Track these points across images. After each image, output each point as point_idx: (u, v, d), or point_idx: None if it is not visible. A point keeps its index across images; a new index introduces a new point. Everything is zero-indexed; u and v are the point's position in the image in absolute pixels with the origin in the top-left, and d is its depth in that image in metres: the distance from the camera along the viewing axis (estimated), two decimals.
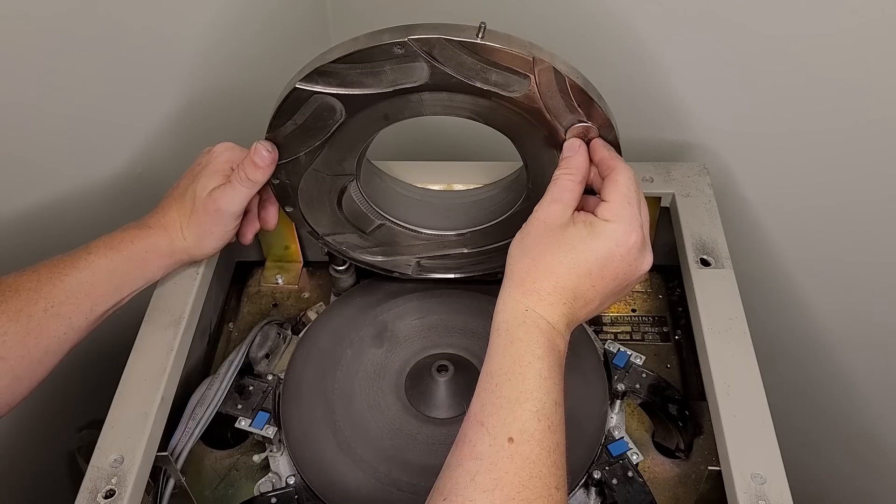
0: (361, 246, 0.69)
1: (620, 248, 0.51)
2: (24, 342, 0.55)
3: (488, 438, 0.46)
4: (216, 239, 0.64)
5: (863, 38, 0.67)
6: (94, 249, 0.60)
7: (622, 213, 0.51)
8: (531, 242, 0.52)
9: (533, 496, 0.44)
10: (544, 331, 0.50)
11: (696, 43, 0.72)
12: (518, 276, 0.51)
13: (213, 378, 0.66)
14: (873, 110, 0.72)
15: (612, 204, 0.51)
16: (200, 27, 0.74)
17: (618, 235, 0.51)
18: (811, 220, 0.83)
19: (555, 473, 0.46)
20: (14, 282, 0.57)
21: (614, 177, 0.52)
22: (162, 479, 0.59)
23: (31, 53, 0.64)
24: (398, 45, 0.51)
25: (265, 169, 0.59)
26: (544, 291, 0.50)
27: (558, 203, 0.52)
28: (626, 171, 0.53)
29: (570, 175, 0.54)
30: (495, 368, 0.49)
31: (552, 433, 0.47)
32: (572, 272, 0.50)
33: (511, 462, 0.45)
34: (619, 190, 0.52)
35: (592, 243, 0.51)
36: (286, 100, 0.56)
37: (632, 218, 0.51)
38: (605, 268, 0.51)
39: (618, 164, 0.53)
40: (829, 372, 0.94)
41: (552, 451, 0.46)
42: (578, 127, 0.55)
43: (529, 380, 0.48)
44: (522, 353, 0.49)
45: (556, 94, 0.53)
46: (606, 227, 0.51)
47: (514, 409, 0.47)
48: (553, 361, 0.49)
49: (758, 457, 0.53)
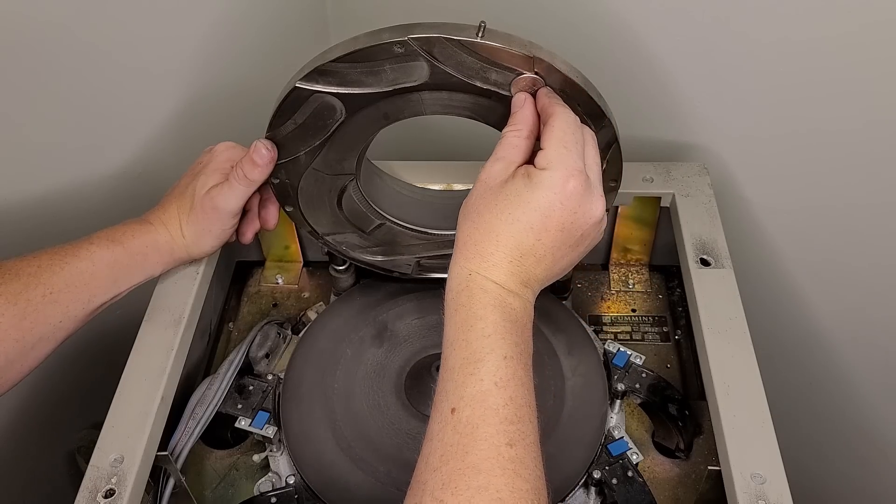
0: (361, 246, 0.69)
1: (559, 195, 0.48)
2: (19, 326, 0.55)
3: (436, 415, 0.44)
4: (214, 237, 0.64)
5: (863, 39, 0.67)
6: (95, 241, 0.60)
7: (558, 159, 0.48)
8: (472, 205, 0.50)
9: (478, 459, 0.42)
10: (489, 291, 0.47)
11: (696, 43, 0.72)
12: (461, 241, 0.50)
13: (213, 378, 0.66)
14: (873, 111, 0.72)
15: (547, 151, 0.49)
16: (200, 27, 0.74)
17: (554, 183, 0.48)
18: (811, 220, 0.83)
19: (505, 430, 0.43)
20: (14, 266, 0.57)
21: (551, 122, 0.50)
22: (162, 478, 0.59)
23: (32, 53, 0.64)
24: (398, 45, 0.51)
25: (264, 168, 0.59)
26: (486, 252, 0.48)
27: (500, 161, 0.50)
28: (563, 114, 0.50)
29: (515, 131, 0.51)
30: (445, 341, 0.47)
31: (501, 389, 0.44)
32: (513, 228, 0.48)
33: (454, 432, 0.43)
34: (554, 135, 0.49)
35: (530, 195, 0.48)
36: (286, 99, 0.56)
37: (568, 163, 0.48)
38: (547, 219, 0.48)
39: (555, 110, 0.50)
40: (829, 372, 0.94)
41: (502, 407, 0.44)
42: (523, 79, 0.52)
43: (472, 342, 0.46)
44: (466, 318, 0.47)
45: (557, 93, 0.53)
46: (542, 175, 0.48)
47: (457, 378, 0.45)
48: (500, 318, 0.47)
49: (758, 457, 0.53)
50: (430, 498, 0.41)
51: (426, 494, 0.41)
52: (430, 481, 0.42)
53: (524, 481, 0.42)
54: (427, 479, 0.42)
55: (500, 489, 0.41)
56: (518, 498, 0.41)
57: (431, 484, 0.42)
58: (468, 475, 0.41)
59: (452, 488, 0.41)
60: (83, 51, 0.67)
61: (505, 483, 0.41)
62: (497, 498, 0.41)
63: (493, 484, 0.41)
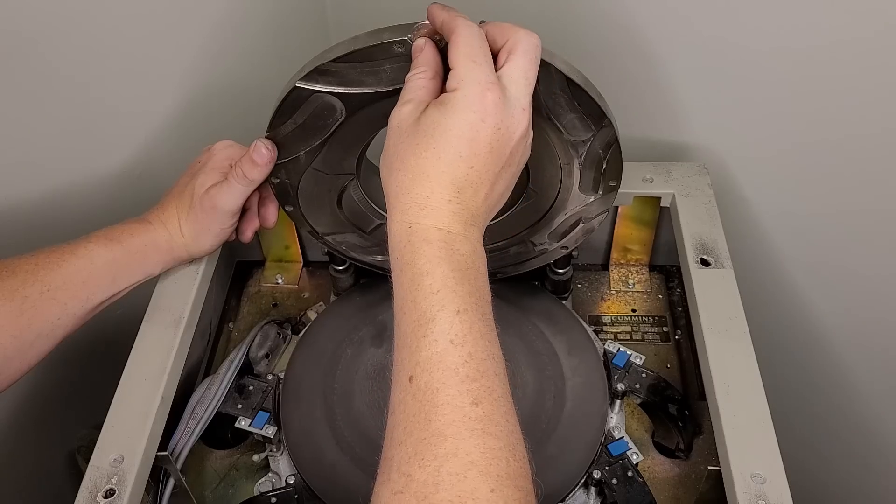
0: (361, 246, 0.69)
1: (478, 113, 0.44)
2: (17, 322, 0.55)
3: (395, 386, 0.42)
4: (213, 236, 0.64)
5: (863, 40, 0.67)
6: (94, 239, 0.60)
7: (468, 76, 0.45)
8: (391, 153, 0.47)
9: (443, 425, 0.39)
10: (433, 241, 0.44)
11: (696, 43, 0.72)
12: (392, 194, 0.46)
13: (213, 378, 0.66)
14: (873, 111, 0.72)
15: (456, 69, 0.45)
16: (201, 27, 0.74)
17: (470, 101, 0.44)
18: (811, 220, 0.83)
19: (468, 389, 0.40)
20: (12, 263, 0.57)
21: (454, 39, 0.46)
22: (162, 478, 0.59)
23: (32, 53, 0.64)
24: (398, 44, 0.51)
25: (263, 167, 0.59)
26: (421, 197, 0.44)
27: (408, 103, 0.47)
28: (466, 27, 0.46)
29: (419, 73, 0.48)
30: (395, 307, 0.44)
31: (458, 346, 0.41)
32: (441, 162, 0.44)
33: (414, 401, 0.40)
34: (460, 51, 0.46)
35: (450, 122, 0.44)
36: (286, 99, 0.56)
37: (479, 77, 0.45)
38: (474, 142, 0.44)
39: (457, 23, 0.47)
40: (829, 372, 0.94)
41: (461, 366, 0.41)
42: (423, 26, 0.50)
43: (421, 302, 0.42)
44: (413, 276, 0.43)
45: (557, 92, 0.53)
46: (456, 97, 0.44)
47: (410, 344, 0.42)
48: (448, 269, 0.43)
49: (758, 457, 0.53)
50: (398, 474, 0.39)
51: (393, 471, 0.39)
52: (397, 456, 0.39)
53: (496, 439, 0.40)
54: (393, 455, 0.40)
55: (471, 452, 0.39)
56: (491, 458, 0.39)
57: (398, 459, 0.39)
58: (434, 443, 0.39)
59: (419, 460, 0.39)
60: (84, 51, 0.67)
61: (475, 445, 0.39)
62: (469, 462, 0.38)
63: (461, 448, 0.39)
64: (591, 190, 0.61)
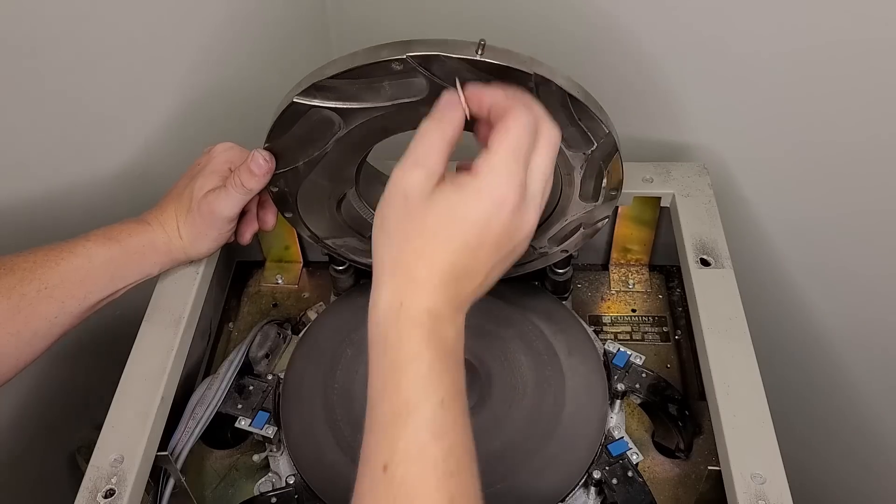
0: (361, 249, 0.69)
1: (497, 207, 0.42)
2: (14, 319, 0.55)
3: (366, 471, 0.40)
4: (211, 240, 0.64)
5: (863, 40, 0.67)
6: (92, 238, 0.60)
7: (503, 168, 0.42)
8: (393, 221, 0.44)
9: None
10: (424, 324, 0.42)
11: (697, 44, 0.72)
12: (388, 266, 0.44)
13: (213, 378, 0.66)
14: (873, 110, 0.72)
15: (493, 155, 0.43)
16: (201, 29, 0.74)
17: (495, 194, 0.42)
18: (811, 220, 0.83)
19: (446, 485, 0.39)
20: (10, 261, 0.57)
21: (507, 123, 0.43)
22: (162, 478, 0.59)
23: (33, 53, 0.64)
24: (396, 62, 0.50)
25: (261, 178, 0.59)
26: (420, 279, 0.43)
27: (421, 169, 0.43)
28: (523, 116, 0.43)
29: (438, 128, 0.44)
30: (372, 386, 0.43)
31: (439, 439, 0.40)
32: (448, 248, 0.43)
33: (388, 493, 0.39)
34: (508, 140, 0.43)
35: (465, 209, 0.42)
36: (284, 113, 0.55)
37: (513, 172, 0.43)
38: (483, 234, 0.43)
39: (515, 107, 0.44)
40: (829, 372, 0.94)
41: (441, 461, 0.39)
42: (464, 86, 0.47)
43: (405, 388, 0.41)
44: (397, 358, 0.42)
45: (557, 108, 0.52)
46: (481, 185, 0.42)
47: (389, 429, 0.40)
48: (436, 355, 0.42)
49: (758, 457, 0.53)
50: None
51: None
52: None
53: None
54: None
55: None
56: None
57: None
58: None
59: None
60: (85, 53, 0.67)
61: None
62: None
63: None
64: (591, 198, 0.61)
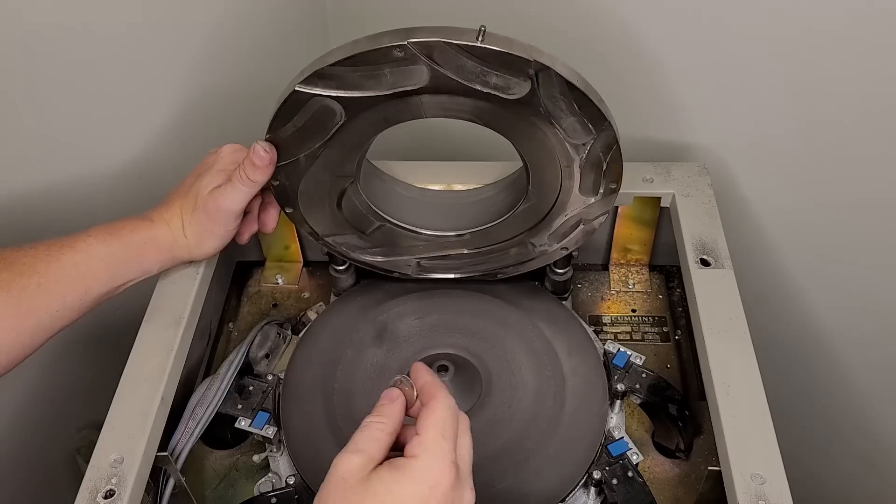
0: (361, 246, 0.69)
1: (432, 489, 0.43)
2: (14, 312, 0.55)
3: None
4: (217, 238, 0.64)
5: (862, 37, 0.67)
6: (93, 233, 0.60)
7: (433, 448, 0.44)
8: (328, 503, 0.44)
9: None
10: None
11: (696, 43, 0.72)
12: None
13: (213, 378, 0.66)
14: (873, 110, 0.72)
15: (423, 436, 0.45)
16: (201, 27, 0.74)
17: (428, 475, 0.44)
18: (811, 220, 0.83)
19: None
20: (10, 255, 0.57)
21: (432, 406, 0.46)
22: (162, 479, 0.59)
23: (34, 53, 0.64)
24: (398, 49, 0.51)
25: (264, 169, 0.59)
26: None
27: (360, 455, 0.45)
28: (446, 400, 0.47)
29: (380, 423, 0.46)
30: None
31: None
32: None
33: None
34: (434, 422, 0.45)
35: (401, 490, 0.43)
36: (286, 102, 0.55)
37: (443, 453, 0.44)
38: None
39: (438, 393, 0.47)
40: (829, 371, 0.94)
41: None
42: (402, 383, 0.49)
43: None
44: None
45: (557, 96, 0.53)
46: (415, 465, 0.44)
47: None
48: None
49: (758, 457, 0.53)
50: None
51: None
52: None
53: None
54: None
55: None
56: None
57: None
58: None
59: None
60: (85, 51, 0.67)
61: None
62: None
63: None
64: (591, 192, 0.61)
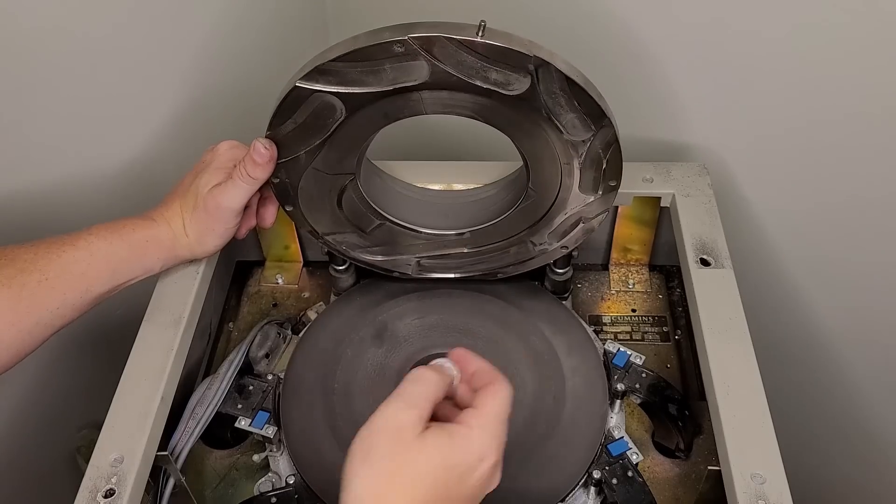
0: (361, 245, 0.69)
1: (482, 463, 0.45)
2: (15, 309, 0.55)
3: None
4: (217, 236, 0.64)
5: (862, 37, 0.67)
6: (94, 231, 0.60)
7: (492, 426, 0.45)
8: (380, 456, 0.44)
9: None
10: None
11: (696, 43, 0.72)
12: (368, 497, 0.43)
13: (213, 378, 0.66)
14: (873, 110, 0.72)
15: (482, 412, 0.46)
16: (201, 26, 0.74)
17: (482, 450, 0.45)
18: (811, 220, 0.83)
19: None
20: (11, 252, 0.57)
21: (497, 387, 0.47)
22: (162, 478, 0.59)
23: (35, 53, 0.64)
24: (398, 44, 0.51)
25: (264, 166, 0.60)
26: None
27: (417, 411, 0.45)
28: (508, 387, 0.47)
29: (438, 382, 0.47)
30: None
31: None
32: (430, 487, 0.43)
33: None
34: (497, 403, 0.46)
35: (454, 458, 0.44)
36: (286, 98, 0.56)
37: (497, 434, 0.46)
38: (462, 483, 0.44)
39: (499, 376, 0.48)
40: (830, 371, 0.94)
41: None
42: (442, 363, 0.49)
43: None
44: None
45: (557, 92, 0.53)
46: (472, 436, 0.45)
47: None
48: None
49: (758, 457, 0.53)
50: None
51: None
52: None
53: None
54: None
55: None
56: None
57: None
58: None
59: None
60: (85, 51, 0.67)
61: None
62: None
63: None
64: (591, 190, 0.61)
